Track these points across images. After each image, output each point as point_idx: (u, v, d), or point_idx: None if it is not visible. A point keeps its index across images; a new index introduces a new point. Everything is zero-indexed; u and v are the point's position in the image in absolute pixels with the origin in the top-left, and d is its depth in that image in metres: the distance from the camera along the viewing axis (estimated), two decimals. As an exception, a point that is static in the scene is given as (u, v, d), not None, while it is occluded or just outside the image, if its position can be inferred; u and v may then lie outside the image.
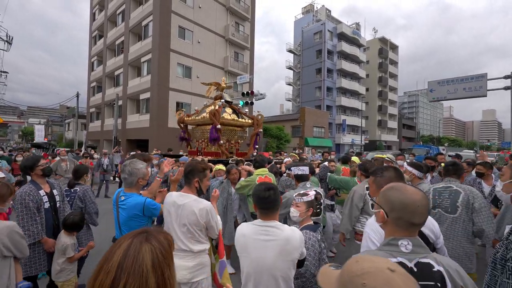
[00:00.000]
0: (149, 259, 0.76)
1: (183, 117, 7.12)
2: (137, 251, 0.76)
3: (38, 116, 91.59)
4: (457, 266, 1.06)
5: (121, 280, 0.72)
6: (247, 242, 1.67)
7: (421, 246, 1.06)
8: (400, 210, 1.06)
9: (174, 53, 19.31)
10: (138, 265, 0.74)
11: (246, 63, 25.24)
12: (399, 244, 1.05)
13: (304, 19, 43.10)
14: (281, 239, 1.62)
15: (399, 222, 1.08)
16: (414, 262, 1.02)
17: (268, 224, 1.68)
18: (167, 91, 19.05)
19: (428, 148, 25.69)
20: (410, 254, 1.03)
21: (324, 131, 33.04)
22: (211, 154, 6.35)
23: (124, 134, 21.47)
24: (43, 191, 2.70)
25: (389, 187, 1.16)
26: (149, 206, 2.11)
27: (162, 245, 0.81)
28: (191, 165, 2.13)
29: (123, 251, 0.76)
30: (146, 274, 0.74)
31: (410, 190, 1.11)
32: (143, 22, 20.18)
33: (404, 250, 1.03)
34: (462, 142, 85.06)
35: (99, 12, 27.89)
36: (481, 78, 13.07)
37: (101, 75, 26.30)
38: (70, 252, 2.59)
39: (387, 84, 47.84)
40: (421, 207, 1.06)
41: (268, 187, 1.74)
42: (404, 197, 1.07)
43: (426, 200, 1.09)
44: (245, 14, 24.82)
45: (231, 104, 7.02)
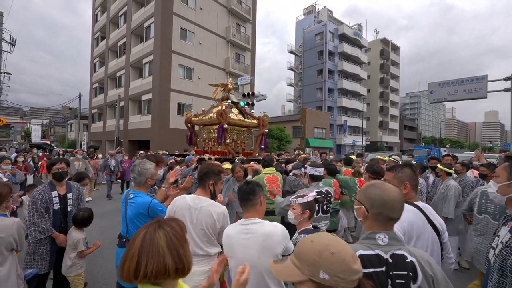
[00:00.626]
0: (164, 241, 0.90)
1: (191, 117, 7.26)
2: (152, 236, 0.90)
3: (40, 117, 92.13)
4: (428, 257, 1.11)
5: (142, 262, 0.86)
6: (231, 243, 1.69)
7: (396, 239, 1.12)
8: (380, 206, 1.13)
9: (175, 55, 19.44)
10: (155, 247, 0.88)
11: (247, 64, 25.33)
12: (377, 238, 1.11)
13: (305, 20, 43.18)
14: (261, 234, 1.62)
15: (378, 217, 1.14)
16: (390, 253, 1.08)
17: (249, 221, 1.69)
18: (169, 92, 19.17)
19: (429, 149, 25.65)
20: (386, 247, 1.09)
21: (325, 132, 33.04)
22: (218, 153, 6.41)
23: (126, 134, 21.60)
24: (56, 192, 2.73)
25: (370, 185, 1.23)
26: (155, 207, 2.14)
27: (174, 229, 0.95)
28: (207, 167, 2.07)
29: (141, 239, 0.91)
30: (163, 254, 0.88)
31: (389, 187, 1.18)
32: (145, 23, 20.34)
33: (381, 243, 1.10)
34: (464, 144, 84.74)
35: (101, 13, 28.11)
36: (481, 80, 13.08)
37: (103, 76, 26.49)
38: (81, 246, 2.66)
39: (389, 85, 47.81)
40: (398, 203, 1.13)
41: (247, 182, 1.79)
42: (384, 194, 1.14)
43: (402, 197, 1.17)
44: (246, 16, 24.94)
45: (237, 105, 7.14)
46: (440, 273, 1.08)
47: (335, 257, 0.78)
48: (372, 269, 1.05)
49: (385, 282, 1.04)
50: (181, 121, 19.99)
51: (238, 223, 1.75)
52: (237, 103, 7.27)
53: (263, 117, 7.13)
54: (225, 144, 6.20)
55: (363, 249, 1.10)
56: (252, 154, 7.00)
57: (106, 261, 3.99)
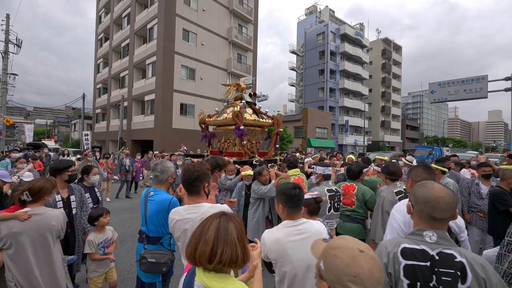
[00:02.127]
0: (235, 233, 1.03)
1: (204, 118, 7.05)
2: (226, 227, 1.03)
3: (44, 116, 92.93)
4: (483, 261, 1.09)
5: (219, 248, 0.98)
6: (284, 247, 1.63)
7: (446, 239, 1.13)
8: (422, 204, 1.18)
9: (178, 55, 19.67)
10: (229, 237, 1.01)
11: (249, 65, 25.52)
12: (424, 235, 1.14)
13: (307, 20, 43.27)
14: (314, 232, 1.65)
15: (421, 215, 1.19)
16: (437, 251, 1.10)
17: (298, 222, 1.69)
18: (171, 92, 19.40)
19: (430, 149, 25.69)
20: (434, 244, 1.12)
21: (327, 131, 33.15)
22: (234, 155, 6.27)
23: (129, 134, 21.88)
24: (60, 196, 2.67)
25: (420, 184, 1.27)
26: (175, 205, 2.17)
27: (239, 224, 1.09)
28: (196, 171, 1.80)
29: (216, 227, 1.03)
30: (236, 243, 1.01)
31: (436, 187, 1.20)
32: (148, 25, 20.59)
33: (429, 240, 1.13)
34: (466, 143, 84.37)
35: (105, 15, 28.42)
36: (482, 80, 13.15)
37: (107, 76, 26.80)
38: (86, 248, 2.64)
39: (391, 85, 47.76)
40: (442, 203, 1.14)
41: (295, 186, 1.75)
42: (427, 193, 1.18)
43: (451, 198, 1.16)
44: (248, 17, 25.11)
45: (251, 105, 6.99)
46: (496, 278, 1.06)
47: (335, 259, 0.79)
48: (416, 262, 1.09)
49: (428, 277, 1.06)
50: (184, 121, 20.27)
51: (285, 225, 1.71)
52: (251, 102, 7.05)
53: (278, 116, 7.00)
54: (241, 145, 6.10)
55: (408, 243, 1.15)
56: (267, 154, 6.83)
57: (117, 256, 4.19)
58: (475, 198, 3.94)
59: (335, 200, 3.10)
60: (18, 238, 2.01)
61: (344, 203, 3.40)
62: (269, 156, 6.75)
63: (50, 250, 2.11)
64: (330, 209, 3.02)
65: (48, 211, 2.17)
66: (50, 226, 2.10)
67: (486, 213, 3.77)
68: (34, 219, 2.06)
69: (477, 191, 3.94)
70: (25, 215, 2.04)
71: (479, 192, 3.91)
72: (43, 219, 2.09)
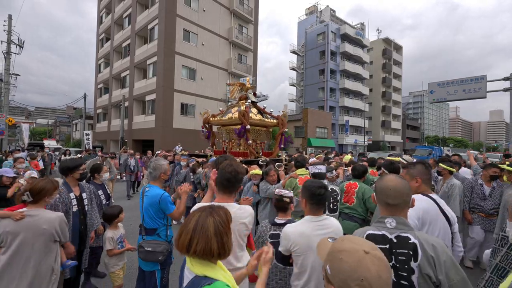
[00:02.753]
0: (212, 228, 1.08)
1: (209, 117, 6.98)
2: (204, 221, 1.09)
3: (46, 116, 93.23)
4: (435, 241, 1.21)
5: (194, 239, 1.05)
6: (310, 240, 1.70)
7: (404, 224, 1.27)
8: (379, 193, 1.36)
9: (179, 56, 19.78)
10: (204, 231, 1.07)
11: (249, 65, 25.62)
12: (385, 221, 1.29)
13: (307, 20, 43.31)
14: (335, 228, 1.77)
15: (380, 203, 1.36)
16: (395, 235, 1.25)
17: (320, 218, 1.79)
18: (172, 92, 19.52)
19: (430, 149, 25.77)
20: (393, 229, 1.26)
21: (327, 131, 33.20)
22: (239, 154, 6.18)
23: (130, 134, 22.01)
24: (73, 194, 2.73)
25: (379, 177, 1.45)
26: (165, 199, 2.31)
27: (222, 218, 1.13)
28: (241, 172, 1.84)
29: (195, 220, 1.10)
30: (210, 238, 1.06)
31: (388, 178, 1.37)
32: (149, 25, 20.71)
33: (389, 226, 1.27)
34: (467, 143, 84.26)
35: (106, 15, 28.56)
36: (481, 80, 13.21)
37: (108, 77, 26.94)
38: (107, 245, 2.72)
39: (391, 85, 47.76)
40: (393, 191, 1.30)
41: (321, 186, 1.82)
42: (382, 183, 1.36)
43: (402, 186, 1.31)
44: (249, 17, 25.21)
45: (256, 104, 6.97)
46: (445, 256, 1.16)
47: (341, 263, 0.78)
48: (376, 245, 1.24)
49: (388, 258, 1.16)
50: (185, 121, 20.39)
51: (309, 220, 1.79)
52: (256, 102, 7.03)
53: (282, 116, 6.99)
54: (247, 145, 6.06)
55: (372, 230, 1.31)
56: (272, 154, 6.81)
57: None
58: (478, 199, 3.90)
59: (331, 201, 3.11)
60: (10, 238, 1.96)
61: (344, 201, 3.47)
62: (274, 156, 6.73)
63: (36, 256, 1.99)
64: (325, 210, 3.02)
65: (43, 213, 2.09)
66: (41, 229, 2.01)
67: (488, 213, 3.79)
68: (27, 220, 2.00)
69: (481, 192, 3.89)
70: (18, 215, 1.99)
71: (483, 193, 3.87)
72: (35, 221, 2.01)
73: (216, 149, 7.23)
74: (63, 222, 2.17)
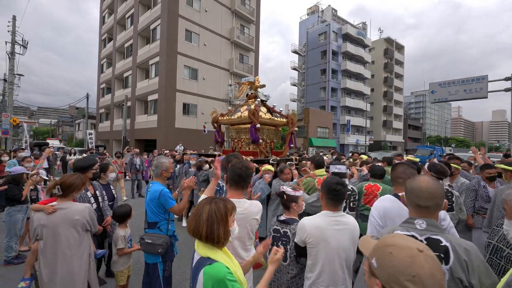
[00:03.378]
0: (205, 214, 1.25)
1: (217, 117, 6.88)
2: (202, 207, 1.28)
3: (48, 116, 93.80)
4: (469, 246, 1.17)
5: (192, 222, 1.26)
6: (324, 233, 1.78)
7: (435, 226, 1.23)
8: (409, 193, 1.33)
9: (181, 56, 19.90)
10: (199, 216, 1.25)
11: (251, 65, 25.70)
12: (415, 223, 1.25)
13: (309, 20, 43.32)
14: (351, 226, 1.82)
15: (410, 203, 1.33)
16: (425, 236, 1.20)
17: (337, 214, 1.84)
18: (174, 92, 19.64)
19: (432, 148, 25.79)
20: (423, 231, 1.22)
21: (329, 131, 33.24)
22: (248, 154, 6.08)
23: (132, 134, 22.16)
24: (90, 192, 2.93)
25: (412, 177, 1.41)
26: (165, 195, 2.41)
27: (218, 208, 1.27)
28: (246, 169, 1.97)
29: (197, 207, 1.30)
30: (201, 223, 1.24)
31: (421, 178, 1.33)
32: (151, 25, 20.84)
33: (419, 227, 1.23)
34: (470, 143, 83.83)
35: (108, 15, 28.74)
36: (482, 80, 13.22)
37: (111, 77, 27.12)
38: (119, 243, 2.77)
39: (393, 85, 47.70)
40: (424, 192, 1.26)
41: (339, 182, 1.88)
42: (413, 184, 1.32)
43: (435, 188, 1.26)
44: (250, 17, 25.29)
45: (265, 103, 6.86)
46: (479, 260, 1.13)
47: (391, 257, 0.75)
48: None
49: None
50: (187, 120, 20.51)
51: (325, 215, 1.86)
52: (265, 101, 6.90)
53: (292, 115, 6.85)
54: (257, 144, 5.96)
55: (401, 230, 1.27)
56: (282, 154, 6.72)
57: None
58: (482, 201, 3.75)
59: (351, 200, 3.11)
60: (44, 230, 2.10)
61: (364, 202, 3.33)
62: (284, 155, 6.64)
63: (72, 245, 2.13)
64: (345, 208, 3.02)
65: (73, 205, 2.23)
66: (74, 220, 2.15)
67: None
68: (59, 213, 2.14)
69: (485, 194, 3.74)
70: (50, 209, 2.12)
71: (488, 195, 3.71)
72: (66, 213, 2.15)
73: (225, 149, 7.12)
74: (92, 212, 2.33)
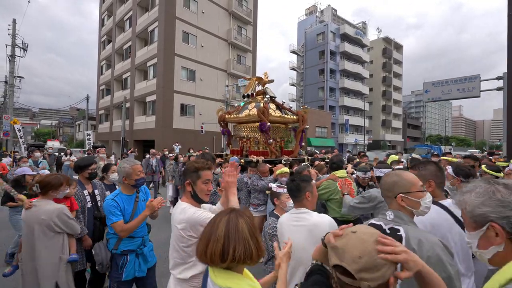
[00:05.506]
0: (246, 229, 1.01)
1: (224, 115, 6.58)
2: (236, 223, 1.01)
3: (49, 118, 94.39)
4: (426, 238, 1.23)
5: (230, 246, 0.96)
6: (282, 229, 1.87)
7: (400, 218, 1.33)
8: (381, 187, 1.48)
9: (178, 57, 20.14)
10: (240, 233, 0.99)
11: (248, 66, 25.91)
12: (386, 214, 1.38)
13: (307, 20, 43.50)
14: (309, 224, 1.78)
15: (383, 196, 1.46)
16: (389, 226, 1.33)
17: (299, 211, 1.86)
18: (172, 93, 19.88)
19: (429, 147, 26.03)
20: (390, 222, 1.34)
21: (327, 131, 33.41)
22: (258, 154, 5.77)
23: (131, 134, 22.41)
24: (87, 191, 2.89)
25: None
26: (106, 207, 2.12)
27: (250, 219, 1.07)
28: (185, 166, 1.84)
29: (226, 224, 1.00)
30: (248, 239, 0.99)
31: (388, 174, 1.48)
32: (149, 28, 21.09)
33: (388, 218, 1.36)
34: (470, 142, 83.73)
35: (107, 18, 29.03)
36: (474, 79, 13.39)
37: (110, 78, 27.39)
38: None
39: (391, 84, 47.80)
40: (383, 184, 1.43)
41: (292, 179, 1.97)
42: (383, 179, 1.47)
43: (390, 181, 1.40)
44: (247, 18, 25.49)
45: (274, 100, 6.54)
46: (432, 252, 1.17)
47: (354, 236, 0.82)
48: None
49: None
50: (184, 121, 20.74)
51: (291, 212, 1.93)
52: (275, 97, 6.59)
53: (303, 112, 6.45)
54: (267, 144, 5.69)
55: (374, 220, 1.41)
56: (293, 153, 6.39)
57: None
58: None
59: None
60: (23, 224, 2.24)
61: None
62: (295, 155, 6.33)
63: (42, 243, 2.14)
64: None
65: (45, 205, 2.23)
66: (40, 219, 2.14)
67: None
68: (33, 210, 2.18)
69: None
70: (27, 204, 2.22)
71: None
72: (36, 211, 2.17)
73: (233, 149, 6.86)
74: (62, 215, 2.24)
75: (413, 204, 1.35)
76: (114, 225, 2.10)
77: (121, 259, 2.17)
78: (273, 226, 2.14)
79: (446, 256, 1.17)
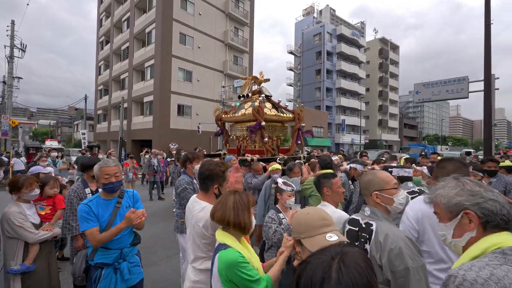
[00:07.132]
0: (231, 203, 1.41)
1: (221, 114, 6.63)
2: (227, 198, 1.45)
3: (47, 117, 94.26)
4: (393, 232, 1.32)
5: (216, 209, 1.43)
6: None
7: (375, 214, 1.45)
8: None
9: (175, 58, 20.40)
10: (225, 204, 1.42)
11: (245, 66, 26.19)
12: (364, 210, 1.50)
13: (305, 21, 43.85)
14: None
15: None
16: (364, 221, 1.44)
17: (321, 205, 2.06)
18: (169, 94, 20.14)
19: (423, 147, 26.52)
20: (366, 217, 1.47)
21: (323, 130, 33.76)
22: (254, 153, 5.82)
23: (129, 134, 22.66)
24: (89, 189, 2.89)
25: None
26: (79, 212, 1.92)
27: (241, 198, 1.44)
28: (208, 170, 1.87)
29: (223, 198, 1.47)
30: (228, 210, 1.39)
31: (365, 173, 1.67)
32: (147, 29, 21.34)
33: (365, 214, 1.49)
34: (467, 142, 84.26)
35: (105, 18, 29.21)
36: (463, 81, 13.69)
37: (108, 78, 27.61)
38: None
39: (388, 84, 48.21)
40: (362, 183, 1.59)
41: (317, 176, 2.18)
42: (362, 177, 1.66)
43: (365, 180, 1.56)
44: (244, 19, 25.77)
45: (270, 99, 6.55)
46: (395, 245, 1.25)
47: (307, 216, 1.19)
48: (351, 227, 1.51)
49: (355, 238, 1.45)
50: (181, 121, 21.02)
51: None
52: (271, 96, 6.62)
53: (299, 111, 6.51)
54: (263, 142, 5.75)
55: (354, 215, 1.56)
56: (289, 152, 6.45)
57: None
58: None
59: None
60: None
61: None
62: (291, 153, 6.40)
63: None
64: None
65: (8, 206, 2.21)
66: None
67: None
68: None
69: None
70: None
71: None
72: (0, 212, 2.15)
73: (230, 148, 6.92)
74: (8, 220, 2.13)
75: (387, 201, 1.44)
76: (86, 233, 1.89)
77: (95, 272, 1.91)
78: (270, 216, 2.37)
79: (408, 250, 1.23)
